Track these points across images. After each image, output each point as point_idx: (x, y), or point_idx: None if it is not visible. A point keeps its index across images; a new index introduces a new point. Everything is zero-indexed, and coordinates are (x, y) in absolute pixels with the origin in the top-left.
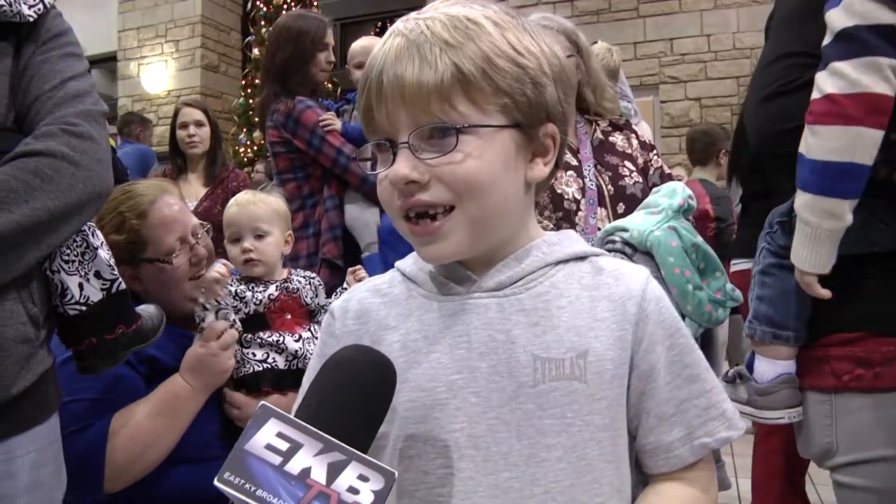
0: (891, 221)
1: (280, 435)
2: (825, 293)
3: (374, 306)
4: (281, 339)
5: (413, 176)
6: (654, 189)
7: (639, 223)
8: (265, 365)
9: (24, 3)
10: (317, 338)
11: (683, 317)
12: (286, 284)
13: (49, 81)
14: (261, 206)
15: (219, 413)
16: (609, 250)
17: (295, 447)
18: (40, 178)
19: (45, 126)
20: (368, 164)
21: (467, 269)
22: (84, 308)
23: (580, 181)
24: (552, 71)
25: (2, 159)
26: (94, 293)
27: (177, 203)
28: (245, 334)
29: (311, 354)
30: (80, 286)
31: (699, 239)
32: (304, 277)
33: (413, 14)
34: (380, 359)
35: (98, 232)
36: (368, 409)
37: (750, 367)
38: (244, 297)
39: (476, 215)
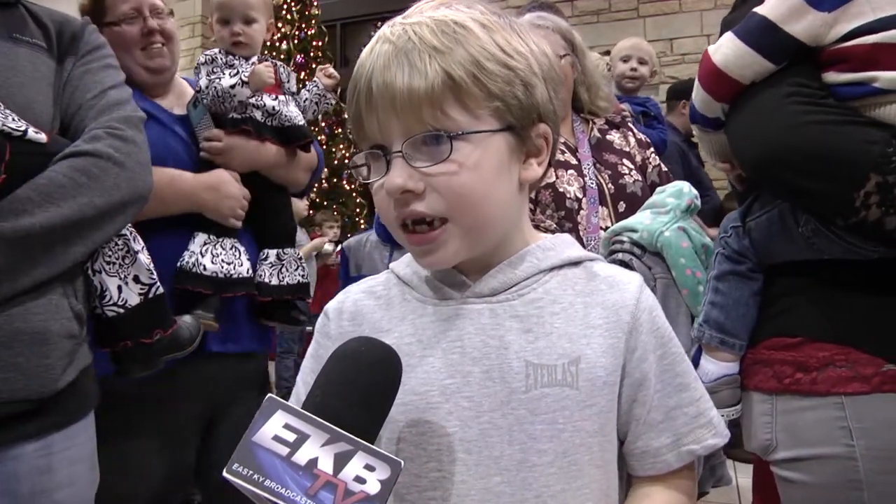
0: (839, 232)
1: (287, 426)
2: None
3: (368, 308)
4: (259, 98)
5: (409, 185)
6: (659, 189)
7: (647, 224)
8: (244, 114)
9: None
10: (286, 104)
11: (694, 318)
12: (264, 58)
13: (91, 91)
14: None
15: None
16: (617, 251)
17: (302, 438)
18: (87, 177)
19: (92, 130)
20: (363, 171)
21: (462, 273)
22: (122, 310)
23: (581, 180)
24: (541, 70)
25: (52, 160)
26: (132, 297)
27: None
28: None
29: (284, 115)
30: (119, 288)
31: (707, 240)
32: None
33: (398, 18)
34: (385, 350)
35: (139, 237)
36: (374, 400)
37: (695, 363)
38: (233, 65)
39: (471, 225)
